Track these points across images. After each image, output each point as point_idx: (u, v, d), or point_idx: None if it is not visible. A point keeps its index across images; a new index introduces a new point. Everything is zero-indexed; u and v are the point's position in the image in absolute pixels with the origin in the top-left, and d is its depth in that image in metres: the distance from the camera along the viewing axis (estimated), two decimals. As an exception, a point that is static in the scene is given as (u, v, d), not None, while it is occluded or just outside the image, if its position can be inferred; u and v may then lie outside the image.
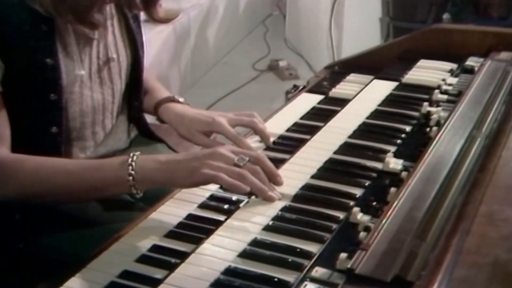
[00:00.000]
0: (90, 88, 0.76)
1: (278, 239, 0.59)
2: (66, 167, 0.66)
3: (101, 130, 0.80)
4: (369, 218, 0.61)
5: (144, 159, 0.64)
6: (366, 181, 0.69)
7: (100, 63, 0.76)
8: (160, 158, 0.64)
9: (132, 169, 0.63)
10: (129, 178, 0.63)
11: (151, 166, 0.63)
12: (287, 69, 2.46)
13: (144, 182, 0.63)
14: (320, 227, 0.60)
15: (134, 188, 0.63)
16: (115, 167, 0.64)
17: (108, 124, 0.80)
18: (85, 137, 0.78)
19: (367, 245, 0.54)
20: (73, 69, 0.73)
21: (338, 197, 0.66)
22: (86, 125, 0.77)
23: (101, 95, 0.77)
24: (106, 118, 0.80)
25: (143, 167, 0.63)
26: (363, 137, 0.82)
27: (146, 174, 0.63)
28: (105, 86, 0.78)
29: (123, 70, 0.80)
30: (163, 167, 0.63)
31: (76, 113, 0.75)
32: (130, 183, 0.63)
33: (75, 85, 0.73)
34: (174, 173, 0.62)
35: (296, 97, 0.97)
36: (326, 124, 0.86)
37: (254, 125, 0.79)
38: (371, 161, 0.74)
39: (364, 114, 0.89)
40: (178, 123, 0.82)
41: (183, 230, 0.61)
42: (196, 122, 0.80)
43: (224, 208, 0.64)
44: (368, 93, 0.97)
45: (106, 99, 0.78)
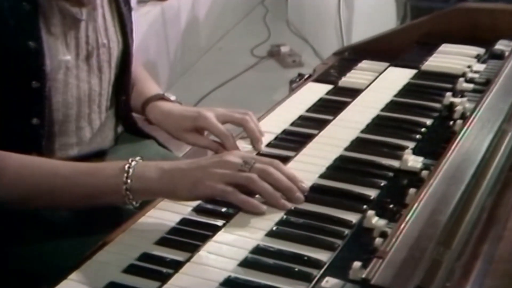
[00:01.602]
0: (76, 76, 0.76)
1: (283, 246, 0.59)
2: (54, 169, 0.66)
3: (87, 125, 0.80)
4: (385, 222, 0.62)
5: (145, 166, 0.64)
6: (382, 181, 0.70)
7: (89, 49, 0.76)
8: (163, 166, 0.63)
9: (127, 177, 0.63)
10: (123, 187, 0.63)
11: (152, 175, 0.63)
12: (290, 56, 2.46)
13: (141, 193, 0.63)
14: (331, 232, 0.61)
15: (128, 198, 0.63)
16: (111, 174, 0.63)
17: (95, 119, 0.80)
18: (68, 132, 0.77)
19: (383, 253, 0.54)
20: (57, 54, 0.72)
21: (350, 199, 0.66)
22: (70, 118, 0.77)
23: (88, 84, 0.77)
24: (93, 112, 0.80)
25: (141, 175, 0.63)
26: (377, 131, 0.82)
27: (144, 183, 0.63)
28: (93, 75, 0.78)
29: (113, 58, 0.80)
30: (165, 177, 0.62)
31: (59, 104, 0.74)
32: (123, 192, 0.63)
33: (59, 71, 0.73)
34: (176, 184, 0.62)
35: (301, 87, 0.97)
36: (335, 117, 0.87)
37: (244, 123, 0.79)
38: (387, 158, 0.75)
39: (378, 106, 0.89)
40: (164, 123, 0.82)
41: (176, 236, 0.61)
42: (182, 118, 0.80)
43: (222, 211, 0.65)
44: (383, 82, 0.98)
45: (93, 90, 0.78)
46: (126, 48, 0.82)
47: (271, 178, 0.63)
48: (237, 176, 0.62)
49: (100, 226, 0.72)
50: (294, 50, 2.51)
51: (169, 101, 0.85)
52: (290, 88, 1.00)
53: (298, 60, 2.44)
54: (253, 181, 0.62)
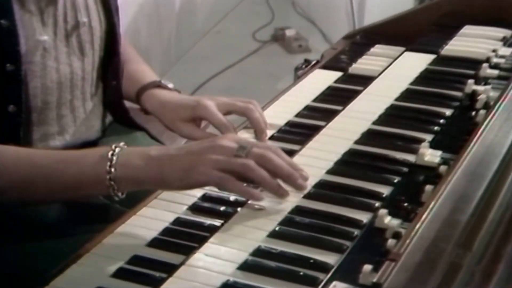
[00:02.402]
0: (55, 58, 0.75)
1: (287, 248, 0.59)
2: (31, 158, 0.66)
3: (69, 113, 0.79)
4: (399, 222, 0.62)
5: (130, 153, 0.63)
6: (395, 177, 0.70)
7: (68, 28, 0.76)
8: (150, 152, 0.63)
9: (111, 165, 0.62)
10: (106, 176, 0.62)
11: (137, 162, 0.62)
12: (296, 40, 2.46)
13: (126, 182, 0.63)
14: (339, 233, 0.61)
15: (112, 189, 0.63)
16: (92, 162, 0.63)
17: (78, 106, 0.80)
18: (48, 120, 0.77)
19: (397, 255, 0.55)
20: (33, 33, 0.72)
21: (361, 196, 0.67)
22: (50, 105, 0.77)
23: (69, 67, 0.77)
24: (76, 99, 0.80)
25: (126, 163, 0.62)
26: (391, 123, 0.82)
27: (129, 172, 0.62)
28: (74, 57, 0.78)
29: (95, 38, 0.80)
30: (152, 164, 0.62)
31: (37, 89, 0.74)
32: (106, 182, 0.63)
33: (36, 53, 0.73)
34: (165, 172, 0.62)
35: (307, 75, 0.97)
36: (345, 108, 0.87)
37: (248, 113, 0.79)
38: (401, 152, 0.75)
39: (392, 95, 0.90)
40: (161, 112, 0.82)
41: (170, 237, 0.62)
42: (180, 108, 0.80)
43: (220, 210, 0.65)
44: (398, 68, 0.98)
45: (75, 74, 0.78)
46: (111, 29, 0.82)
47: (270, 164, 0.63)
48: (232, 163, 0.61)
49: (86, 226, 0.72)
50: (300, 33, 2.51)
51: (167, 89, 0.84)
52: (295, 75, 1.01)
53: (305, 45, 2.44)
54: (251, 169, 0.62)
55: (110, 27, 0.82)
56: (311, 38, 2.49)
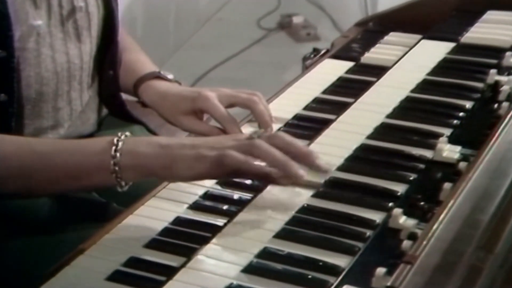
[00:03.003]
0: (50, 45, 0.76)
1: (294, 249, 0.60)
2: (32, 146, 0.67)
3: (66, 106, 0.80)
4: (415, 222, 0.62)
5: (137, 140, 0.64)
6: (411, 174, 0.71)
7: (63, 13, 0.76)
8: (159, 141, 0.64)
9: (116, 149, 0.63)
10: (111, 161, 0.63)
11: (145, 149, 0.63)
12: (304, 28, 2.46)
13: (132, 170, 0.63)
14: (350, 234, 0.62)
15: (116, 176, 0.63)
16: (96, 149, 0.64)
17: (75, 98, 0.81)
18: (42, 113, 0.78)
19: (412, 258, 0.55)
20: (26, 17, 0.73)
21: (374, 195, 0.67)
22: (45, 97, 0.77)
23: (65, 56, 0.78)
24: (73, 90, 0.80)
25: (133, 149, 0.63)
26: (406, 116, 0.83)
27: (135, 159, 0.63)
28: (70, 44, 0.78)
29: (93, 24, 0.80)
30: (161, 152, 0.63)
31: (31, 79, 0.75)
32: (110, 169, 0.63)
33: (29, 39, 0.73)
34: (174, 160, 0.62)
35: (316, 65, 0.97)
36: (356, 100, 0.87)
37: (252, 105, 0.79)
38: (417, 148, 0.75)
39: (408, 86, 0.90)
40: (160, 105, 0.82)
41: (170, 238, 0.62)
42: (180, 99, 0.81)
43: (223, 209, 0.66)
44: (414, 58, 0.98)
45: (72, 63, 0.78)
46: (109, 14, 0.82)
47: (283, 142, 0.64)
48: (241, 143, 0.63)
49: (80, 226, 0.73)
50: (309, 20, 2.51)
51: (166, 80, 0.85)
52: (303, 65, 1.01)
53: (313, 33, 2.44)
54: (258, 146, 0.63)
55: (108, 12, 0.82)
56: (320, 26, 2.49)
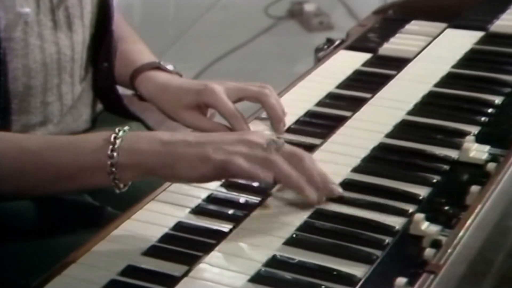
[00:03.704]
0: (39, 35, 0.76)
1: (306, 258, 0.60)
2: (20, 143, 0.67)
3: (56, 100, 0.80)
4: (438, 228, 0.62)
5: (136, 136, 0.64)
6: (435, 176, 0.71)
7: (53, 0, 0.77)
8: (161, 137, 0.64)
9: (113, 148, 0.63)
10: (107, 162, 0.63)
11: (145, 147, 0.63)
12: (316, 16, 2.46)
13: (130, 170, 0.64)
14: (367, 241, 0.62)
15: (113, 177, 0.64)
16: (92, 146, 0.64)
17: (66, 92, 0.81)
18: (30, 109, 0.78)
19: (436, 267, 0.55)
20: (13, 4, 0.73)
21: (393, 199, 0.67)
22: (33, 90, 0.77)
23: (55, 46, 0.78)
24: (64, 83, 0.80)
25: (132, 147, 0.63)
26: (429, 113, 0.83)
27: (134, 157, 0.63)
28: (61, 33, 0.78)
29: (86, 13, 0.81)
30: (162, 149, 0.63)
31: (18, 71, 0.75)
32: (107, 169, 0.63)
33: (16, 28, 0.74)
34: (177, 159, 0.63)
35: (330, 57, 0.98)
36: (374, 95, 0.87)
37: (262, 98, 0.79)
38: (441, 147, 0.76)
39: (431, 80, 0.90)
40: (159, 98, 0.83)
41: (170, 245, 0.62)
42: (183, 92, 0.81)
43: (229, 213, 0.66)
44: (438, 48, 0.98)
45: (63, 53, 0.79)
46: (104, 1, 0.83)
47: (301, 165, 0.64)
48: (257, 154, 0.62)
49: (72, 232, 0.74)
50: (321, 8, 2.51)
51: (166, 72, 0.85)
52: (315, 57, 1.01)
53: (327, 22, 2.44)
54: (277, 163, 0.62)
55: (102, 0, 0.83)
56: (334, 14, 2.49)
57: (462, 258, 0.56)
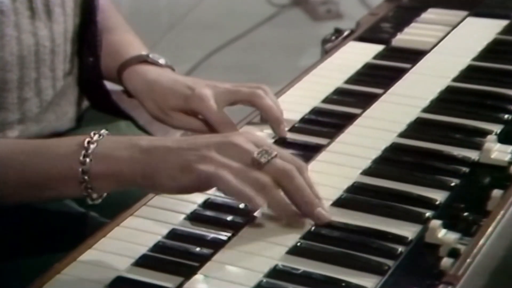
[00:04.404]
0: (16, 24, 0.76)
1: (311, 268, 0.61)
2: None
3: (34, 96, 0.81)
4: (457, 236, 0.63)
5: (113, 142, 0.64)
6: (453, 179, 0.71)
7: None
8: (139, 142, 0.64)
9: (86, 154, 0.63)
10: (79, 169, 0.63)
11: (121, 153, 0.63)
12: (324, 4, 2.47)
13: (105, 179, 0.64)
14: (378, 250, 0.62)
15: (85, 187, 0.64)
16: (63, 152, 0.64)
17: (46, 87, 0.81)
18: (6, 105, 0.78)
19: (454, 278, 0.56)
20: None
21: (407, 204, 0.68)
22: (9, 85, 0.77)
23: (33, 37, 0.78)
24: (43, 78, 0.81)
25: (106, 153, 0.63)
26: (447, 110, 0.83)
27: (109, 165, 0.63)
28: (40, 23, 0.79)
29: (68, 0, 0.81)
30: (141, 158, 0.63)
31: None
32: (78, 178, 0.63)
33: None
34: (156, 168, 0.62)
35: (338, 49, 0.98)
36: (387, 91, 0.88)
37: (256, 100, 0.79)
38: (460, 148, 0.76)
39: (449, 74, 0.90)
40: (146, 96, 0.83)
41: (164, 254, 0.63)
42: (170, 94, 0.81)
43: (227, 220, 0.67)
44: (458, 39, 0.98)
45: (41, 45, 0.79)
46: None
47: (291, 184, 0.63)
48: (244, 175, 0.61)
49: (56, 241, 0.74)
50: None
51: (156, 65, 0.85)
52: (322, 49, 1.01)
53: (335, 10, 2.45)
54: (265, 188, 0.62)
55: None
56: (343, 1, 2.50)
57: (483, 269, 0.57)
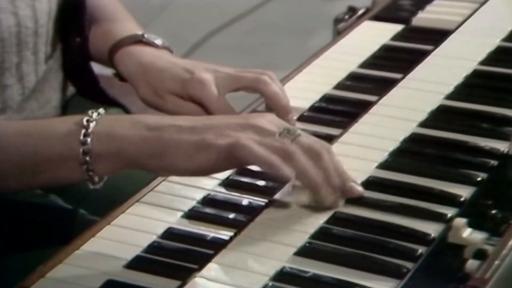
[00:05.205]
0: None
1: (321, 270, 0.61)
2: None
3: (16, 82, 0.81)
4: (484, 236, 0.63)
5: (115, 119, 0.65)
6: (479, 173, 0.72)
7: None
8: (146, 120, 0.64)
9: (86, 133, 0.63)
10: (79, 149, 0.63)
11: (125, 132, 0.64)
12: (336, -21, 2.46)
13: (108, 160, 0.64)
14: (396, 251, 0.63)
15: (87, 169, 0.64)
16: (63, 131, 0.64)
17: (28, 73, 0.82)
18: None
19: (481, 281, 0.56)
20: None
21: (428, 200, 0.68)
22: None
23: (14, 17, 0.79)
24: (25, 62, 0.82)
25: (109, 131, 0.64)
26: (473, 97, 0.84)
27: (113, 144, 0.64)
28: (21, 2, 0.79)
29: None
30: (148, 135, 0.64)
31: None
32: (79, 158, 0.64)
33: None
34: (169, 149, 0.63)
35: (352, 29, 0.98)
36: (406, 76, 0.88)
37: (262, 87, 0.79)
38: (487, 138, 0.76)
39: (476, 57, 0.91)
40: (139, 79, 0.83)
41: (159, 256, 0.63)
42: (167, 77, 0.81)
43: (229, 218, 0.67)
44: (485, 18, 0.99)
45: (23, 26, 0.80)
46: None
47: (319, 160, 0.64)
48: (271, 142, 0.62)
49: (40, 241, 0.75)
50: (343, -31, 2.51)
51: (152, 46, 0.86)
52: (334, 29, 1.02)
53: (349, -14, 2.45)
54: (290, 155, 0.63)
55: None
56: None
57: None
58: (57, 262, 0.63)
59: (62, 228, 0.77)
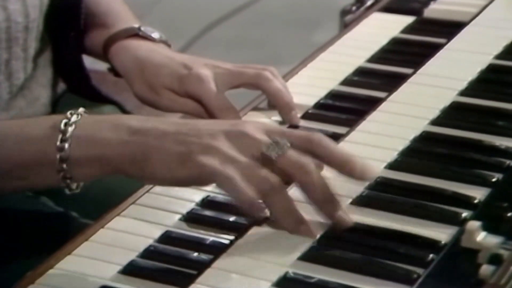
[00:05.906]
0: None
1: (327, 276, 0.62)
2: None
3: (5, 80, 0.82)
4: (499, 240, 0.63)
5: (96, 121, 0.65)
6: (493, 174, 0.72)
7: None
8: (129, 123, 0.64)
9: (63, 138, 0.63)
10: (56, 155, 0.63)
11: (108, 135, 0.64)
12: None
13: (86, 166, 0.64)
14: (406, 256, 0.63)
15: (63, 176, 0.64)
16: (39, 134, 0.64)
17: (17, 70, 0.83)
18: None
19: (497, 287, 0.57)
20: None
21: (440, 202, 0.69)
22: None
23: (3, 12, 0.79)
24: (14, 59, 0.82)
25: (88, 135, 0.64)
26: (488, 93, 0.84)
27: (92, 149, 0.64)
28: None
29: None
30: (130, 139, 0.63)
31: None
32: (56, 165, 0.64)
33: None
34: (149, 156, 0.63)
35: (359, 21, 0.99)
36: (417, 71, 0.89)
37: (263, 83, 0.79)
38: (503, 137, 0.77)
39: (491, 51, 0.91)
40: (135, 75, 0.83)
41: (156, 261, 0.64)
42: (163, 72, 0.82)
43: (229, 221, 0.68)
44: (501, 9, 0.99)
45: (13, 22, 0.81)
46: None
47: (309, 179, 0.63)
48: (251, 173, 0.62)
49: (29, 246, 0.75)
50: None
51: (149, 40, 0.86)
52: (341, 22, 1.02)
53: (357, -25, 2.45)
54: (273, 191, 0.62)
55: None
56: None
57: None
58: (47, 268, 0.64)
59: (53, 232, 0.77)
